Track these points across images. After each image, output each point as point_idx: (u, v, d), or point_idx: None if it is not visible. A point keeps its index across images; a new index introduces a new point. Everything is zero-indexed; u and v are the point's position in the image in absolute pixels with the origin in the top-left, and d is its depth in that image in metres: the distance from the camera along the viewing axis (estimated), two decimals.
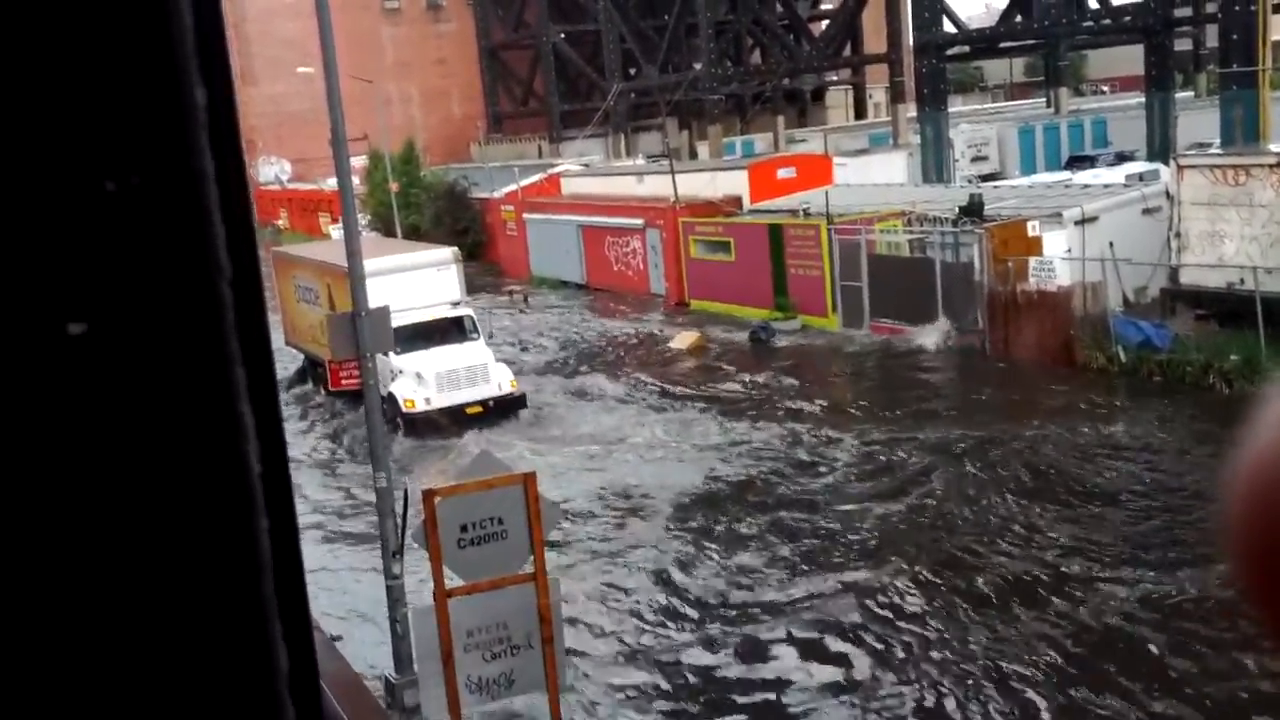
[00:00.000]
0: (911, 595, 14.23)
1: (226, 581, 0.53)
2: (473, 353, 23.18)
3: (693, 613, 14.49)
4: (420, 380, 22.55)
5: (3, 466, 0.44)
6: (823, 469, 19.22)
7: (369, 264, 29.06)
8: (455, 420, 22.28)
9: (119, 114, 0.47)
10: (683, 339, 29.60)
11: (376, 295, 24.71)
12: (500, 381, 23.12)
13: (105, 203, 0.47)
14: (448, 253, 25.21)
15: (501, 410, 22.89)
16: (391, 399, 21.91)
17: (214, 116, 0.51)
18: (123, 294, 0.47)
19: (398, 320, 15.93)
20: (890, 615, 13.85)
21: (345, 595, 15.76)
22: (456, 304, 24.09)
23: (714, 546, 16.37)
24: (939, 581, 14.52)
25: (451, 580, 9.26)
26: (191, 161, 0.50)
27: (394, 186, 45.76)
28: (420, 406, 22.39)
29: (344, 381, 24.21)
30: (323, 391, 25.16)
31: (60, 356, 0.46)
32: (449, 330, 23.65)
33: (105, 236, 0.48)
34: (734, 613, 14.39)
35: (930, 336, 25.98)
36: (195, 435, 0.50)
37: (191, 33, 0.50)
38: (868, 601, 14.13)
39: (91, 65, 0.47)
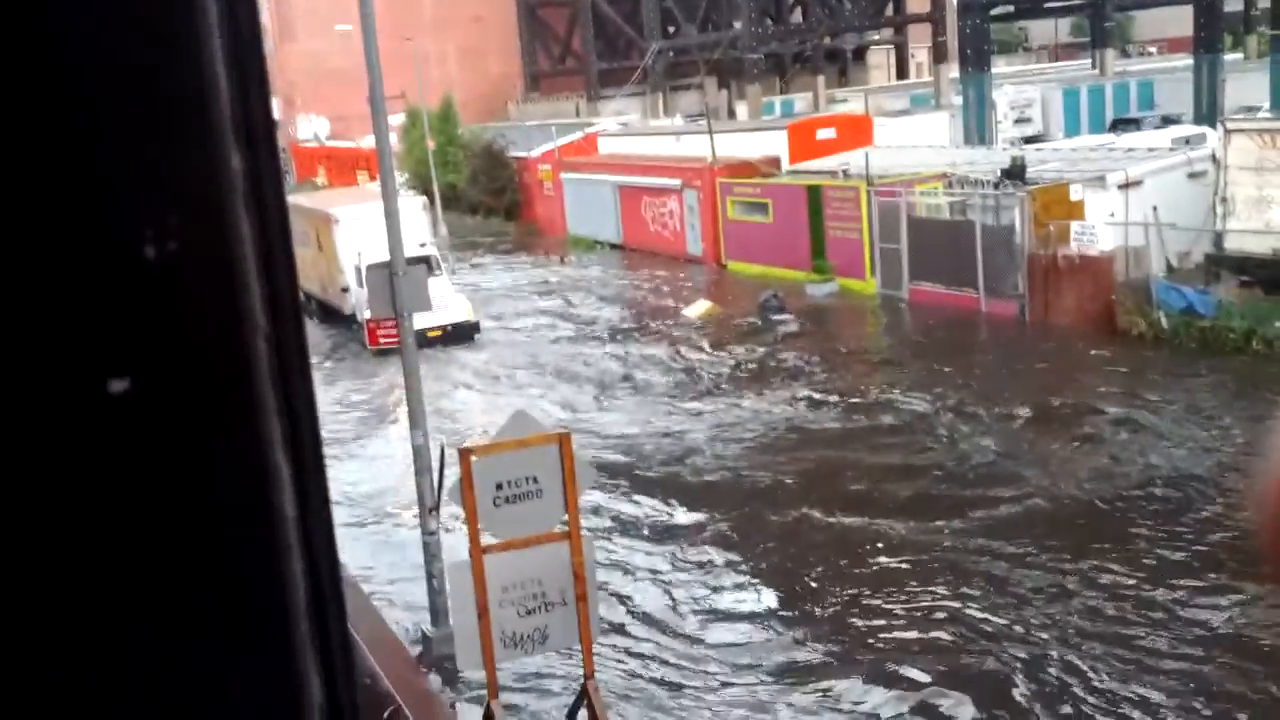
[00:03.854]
0: None
1: (258, 623, 0.58)
2: (435, 286, 24.08)
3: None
4: None
5: (46, 511, 0.51)
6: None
7: (347, 210, 31.99)
8: (419, 341, 23.45)
9: (159, 188, 0.54)
10: (696, 308, 29.09)
11: (352, 236, 27.69)
12: (458, 310, 27.50)
13: (145, 268, 0.54)
14: (417, 201, 30.40)
15: (459, 335, 27.37)
16: (364, 324, 26.58)
17: (254, 179, 0.56)
18: (160, 352, 0.54)
19: (373, 258, 18.56)
20: None
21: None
22: (423, 245, 27.14)
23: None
24: None
25: (488, 537, 9.33)
26: (226, 228, 0.55)
27: (430, 143, 45.56)
28: None
29: (382, 340, 25.12)
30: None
31: (102, 412, 0.53)
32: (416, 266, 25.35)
33: (144, 300, 0.54)
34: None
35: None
36: (226, 482, 0.56)
37: (230, 103, 0.56)
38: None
39: (134, 147, 0.53)
